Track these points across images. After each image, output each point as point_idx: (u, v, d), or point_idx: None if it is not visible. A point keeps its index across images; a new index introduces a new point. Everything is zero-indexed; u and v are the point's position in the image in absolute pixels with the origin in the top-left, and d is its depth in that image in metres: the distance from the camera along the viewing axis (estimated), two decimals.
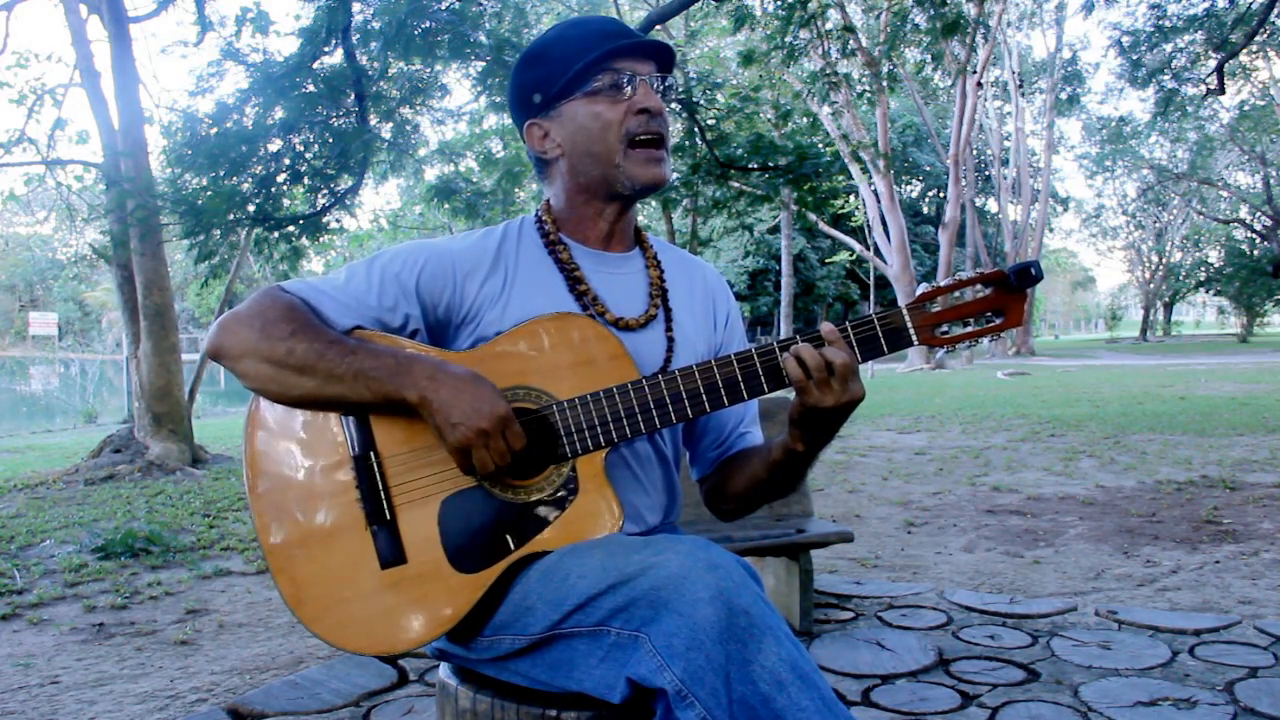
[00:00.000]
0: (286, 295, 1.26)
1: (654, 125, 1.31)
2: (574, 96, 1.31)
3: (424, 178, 10.85)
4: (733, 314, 1.51)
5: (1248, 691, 2.45)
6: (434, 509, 1.23)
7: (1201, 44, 13.49)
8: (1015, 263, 1.22)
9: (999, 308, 1.24)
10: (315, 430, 1.26)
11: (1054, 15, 30.95)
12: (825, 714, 1.02)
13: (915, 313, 1.24)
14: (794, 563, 3.06)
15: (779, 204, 10.04)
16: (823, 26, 8.00)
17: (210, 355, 1.28)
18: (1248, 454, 6.95)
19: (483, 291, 1.32)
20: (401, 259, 1.31)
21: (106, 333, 36.74)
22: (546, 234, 1.38)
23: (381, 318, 1.28)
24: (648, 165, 1.32)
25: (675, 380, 1.24)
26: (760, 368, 1.23)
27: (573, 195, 1.37)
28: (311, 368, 1.20)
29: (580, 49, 1.30)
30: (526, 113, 1.37)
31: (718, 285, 1.52)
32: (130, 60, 8.21)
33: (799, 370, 1.20)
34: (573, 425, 1.24)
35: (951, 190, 24.42)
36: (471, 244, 1.36)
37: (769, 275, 33.92)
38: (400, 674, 2.76)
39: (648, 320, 1.37)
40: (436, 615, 1.21)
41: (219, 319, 1.26)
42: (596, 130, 1.31)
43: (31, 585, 4.00)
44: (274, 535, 1.25)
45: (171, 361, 8.21)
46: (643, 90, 1.31)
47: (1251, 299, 36.98)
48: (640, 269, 1.42)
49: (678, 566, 1.08)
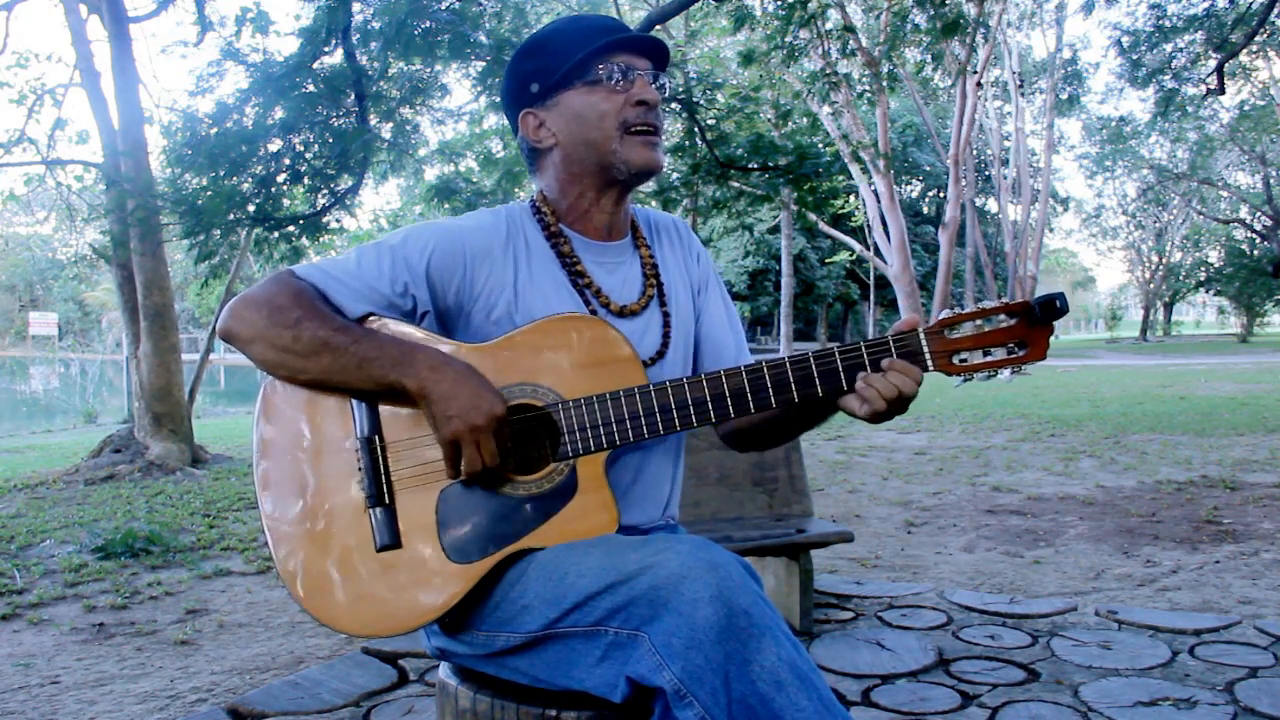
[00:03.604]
0: (298, 281, 1.27)
1: (650, 117, 1.34)
2: (573, 87, 1.33)
3: (424, 178, 10.85)
4: (702, 256, 1.54)
5: (1248, 691, 2.45)
6: (433, 497, 1.25)
7: (1201, 44, 13.48)
8: (1040, 295, 1.22)
9: (1022, 339, 1.24)
10: (325, 411, 1.28)
11: (1054, 15, 30.95)
12: (824, 714, 1.02)
13: (933, 338, 1.24)
14: (794, 563, 3.06)
15: (779, 204, 10.04)
16: (823, 26, 8.00)
17: (221, 337, 1.31)
18: (1248, 454, 6.95)
19: (493, 276, 1.33)
20: (411, 242, 1.32)
21: (106, 333, 36.73)
22: (547, 225, 1.39)
23: (393, 302, 1.30)
24: (643, 149, 1.34)
25: (682, 387, 1.25)
26: (770, 381, 1.25)
27: (566, 186, 1.39)
28: (317, 354, 1.22)
29: (581, 41, 1.33)
30: (523, 102, 1.38)
31: (685, 232, 1.54)
32: (130, 60, 8.21)
33: (876, 408, 1.23)
34: (575, 425, 1.25)
35: (951, 190, 24.41)
36: (481, 224, 1.37)
37: (769, 275, 33.93)
38: (400, 674, 2.76)
39: (647, 301, 1.40)
40: (427, 603, 1.22)
41: (231, 301, 1.28)
42: (594, 119, 1.33)
43: (31, 585, 4.00)
44: (275, 509, 1.27)
45: (171, 361, 8.21)
46: (640, 83, 1.33)
47: (1251, 299, 36.97)
48: (633, 252, 1.44)
49: (677, 566, 1.08)
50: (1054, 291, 1.22)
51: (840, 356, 1.24)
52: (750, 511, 3.22)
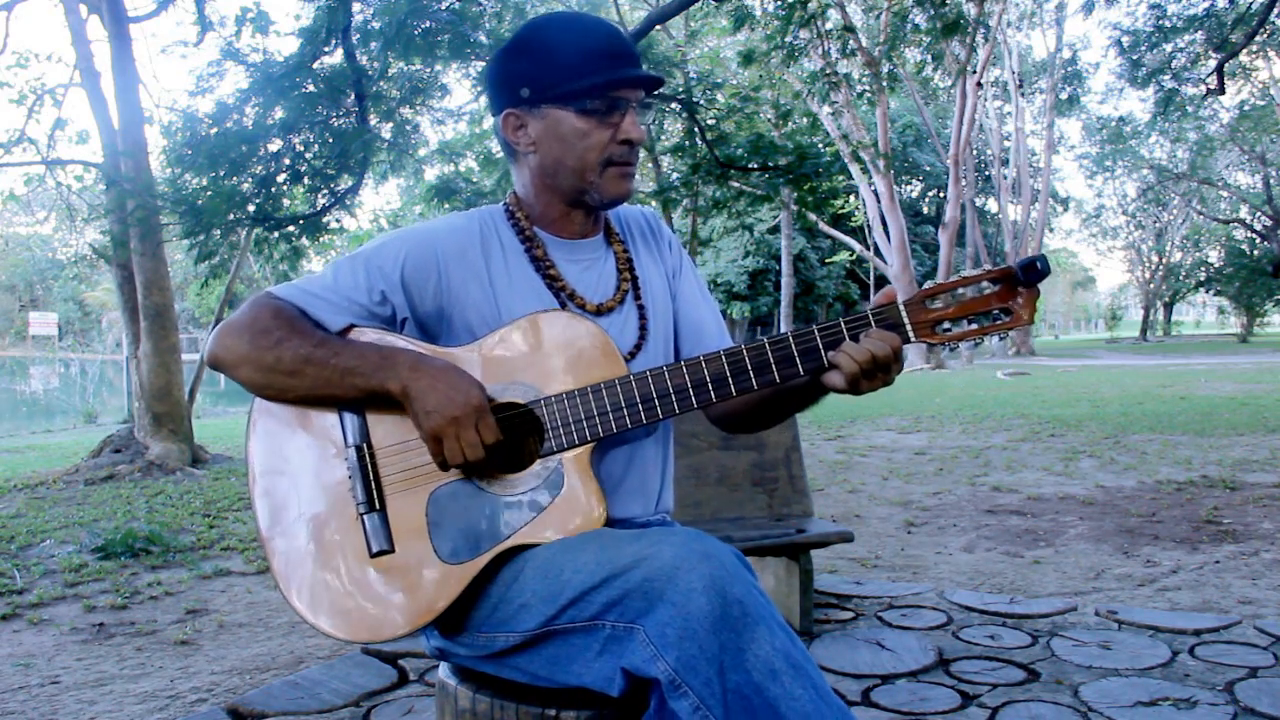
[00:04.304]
0: (277, 301, 1.29)
1: (632, 155, 1.35)
2: (565, 107, 1.31)
3: (424, 178, 10.86)
4: (674, 243, 1.54)
5: (1248, 691, 2.45)
6: (423, 500, 1.26)
7: (1201, 44, 13.49)
8: (1021, 258, 1.21)
9: (1005, 306, 1.23)
10: (313, 422, 1.30)
11: (1054, 15, 30.95)
12: (818, 703, 1.03)
13: (913, 309, 1.24)
14: (794, 563, 3.06)
15: (779, 204, 10.04)
16: (823, 26, 8.01)
17: (209, 364, 1.33)
18: (1248, 454, 6.95)
19: (468, 278, 1.34)
20: (385, 250, 1.33)
21: (106, 333, 36.75)
22: (520, 228, 1.39)
23: (372, 311, 1.31)
24: (619, 181, 1.35)
25: (663, 376, 1.25)
26: (750, 364, 1.24)
27: (539, 192, 1.39)
28: (301, 371, 1.24)
29: (584, 65, 1.29)
30: (509, 101, 1.35)
31: (655, 222, 1.54)
32: (130, 60, 8.21)
33: (850, 372, 1.21)
34: (559, 420, 1.26)
35: (951, 190, 24.41)
36: (454, 227, 1.37)
37: (769, 275, 33.91)
38: (400, 674, 2.76)
39: (622, 296, 1.40)
40: (422, 605, 1.23)
41: (216, 328, 1.30)
42: (579, 147, 1.32)
43: (31, 585, 4.00)
44: (270, 521, 1.29)
45: (171, 361, 8.21)
46: (630, 120, 1.32)
47: (1251, 299, 36.97)
48: (606, 248, 1.45)
49: (671, 557, 1.08)
50: (1035, 254, 1.21)
51: (820, 334, 1.23)
52: (750, 511, 3.22)
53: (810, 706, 1.02)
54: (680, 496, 3.11)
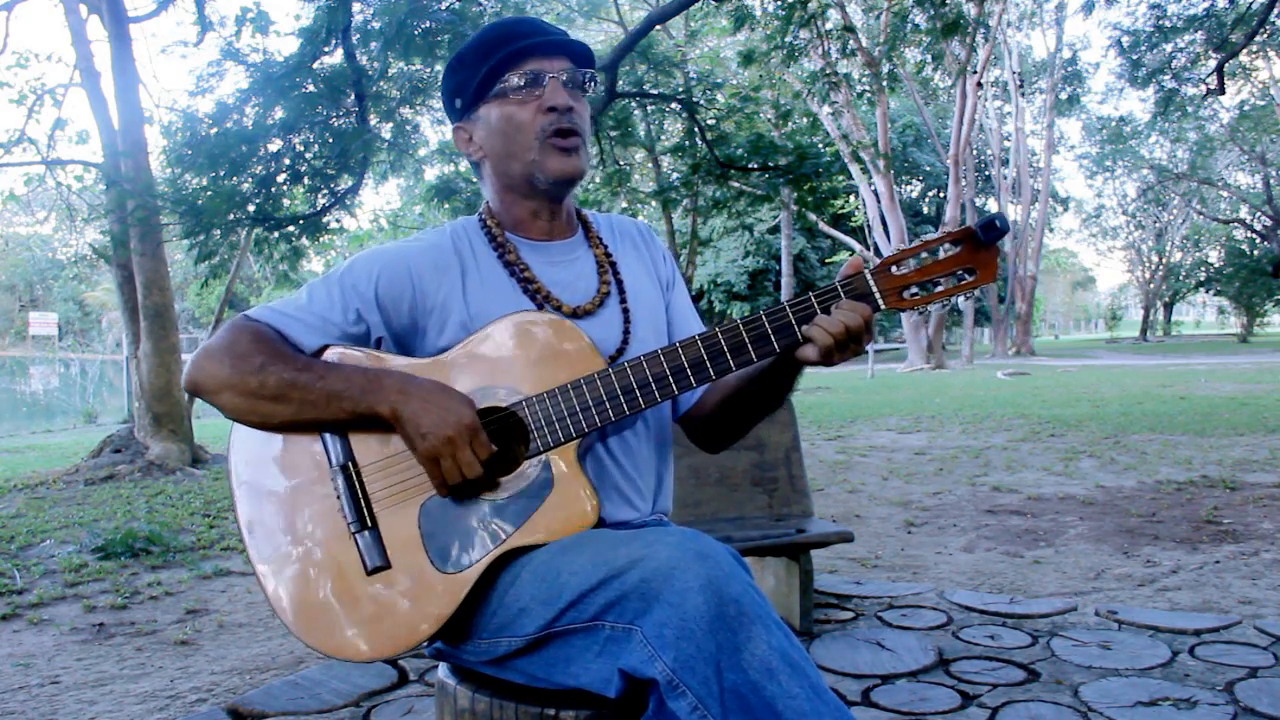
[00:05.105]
0: (254, 324, 1.29)
1: (564, 121, 1.33)
2: (488, 100, 1.34)
3: (424, 178, 10.86)
4: (667, 255, 1.54)
5: (1248, 691, 2.45)
6: (414, 513, 1.25)
7: (1201, 44, 13.49)
8: (980, 217, 1.21)
9: (969, 265, 1.23)
10: (295, 446, 1.29)
11: (1054, 15, 30.95)
12: (815, 701, 1.03)
13: (880, 276, 1.24)
14: (794, 563, 3.06)
15: (779, 204, 10.04)
16: (823, 26, 8.00)
17: (188, 390, 1.32)
18: (1248, 454, 6.95)
19: (441, 292, 1.34)
20: (358, 270, 1.34)
21: (106, 333, 36.77)
22: (493, 236, 1.40)
23: (347, 330, 1.31)
24: (560, 156, 1.34)
25: (641, 366, 1.25)
26: (726, 345, 1.24)
27: (502, 194, 1.40)
28: (285, 396, 1.23)
29: (487, 53, 1.33)
30: (453, 118, 1.41)
31: (646, 234, 1.54)
32: (130, 60, 8.21)
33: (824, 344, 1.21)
34: (542, 419, 1.25)
35: (951, 190, 24.41)
36: (426, 244, 1.38)
37: (769, 275, 33.91)
38: (400, 674, 2.76)
39: (602, 299, 1.39)
40: (425, 616, 1.23)
41: (193, 355, 1.29)
42: (510, 131, 1.34)
43: (31, 585, 4.00)
44: (261, 552, 1.28)
45: (171, 361, 8.21)
46: (551, 88, 1.32)
47: (1251, 299, 36.99)
48: (585, 250, 1.45)
49: (667, 557, 1.08)
50: (994, 213, 1.21)
51: (791, 310, 1.24)
52: (750, 511, 3.22)
53: (807, 705, 1.02)
54: (680, 496, 3.11)
